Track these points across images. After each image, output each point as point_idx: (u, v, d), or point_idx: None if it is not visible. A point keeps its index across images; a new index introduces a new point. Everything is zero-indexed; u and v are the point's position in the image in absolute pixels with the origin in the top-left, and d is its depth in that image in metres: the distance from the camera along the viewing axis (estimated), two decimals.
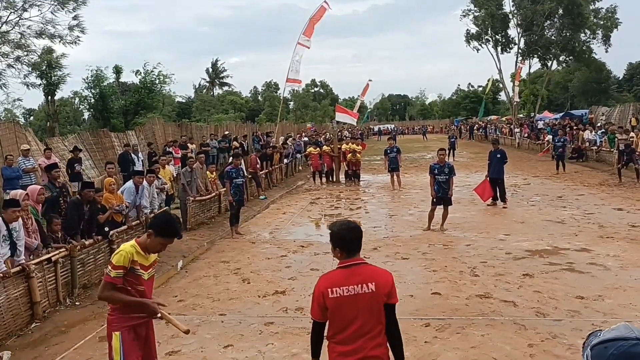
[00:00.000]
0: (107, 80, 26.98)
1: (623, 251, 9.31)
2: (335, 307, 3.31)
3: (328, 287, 3.33)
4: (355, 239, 3.41)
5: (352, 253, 3.39)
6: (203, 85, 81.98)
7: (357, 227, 3.46)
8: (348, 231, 3.39)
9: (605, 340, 1.45)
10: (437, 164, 11.72)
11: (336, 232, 3.42)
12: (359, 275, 3.32)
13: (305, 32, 23.54)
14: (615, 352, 1.40)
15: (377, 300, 3.30)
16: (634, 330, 1.43)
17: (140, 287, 3.98)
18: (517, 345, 5.67)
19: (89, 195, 8.85)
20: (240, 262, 9.74)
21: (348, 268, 3.34)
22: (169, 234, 3.98)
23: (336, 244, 3.41)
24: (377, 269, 3.47)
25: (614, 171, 19.01)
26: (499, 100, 79.46)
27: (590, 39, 46.80)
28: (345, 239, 3.39)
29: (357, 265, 3.37)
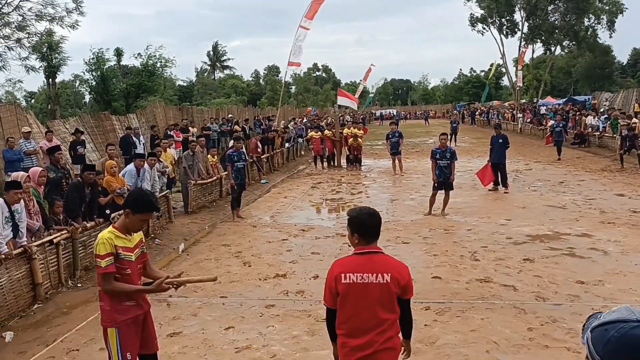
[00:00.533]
0: (109, 63, 26.87)
1: (624, 237, 9.31)
2: (345, 293, 3.25)
3: (341, 272, 3.27)
4: (375, 225, 3.33)
5: (370, 240, 3.31)
6: (204, 68, 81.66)
7: (377, 214, 3.38)
8: (368, 216, 3.32)
9: (606, 322, 1.44)
10: (438, 148, 11.69)
11: (356, 216, 3.34)
12: (374, 264, 3.24)
13: (307, 14, 23.36)
14: (615, 334, 1.40)
15: (390, 293, 3.22)
16: (634, 313, 1.42)
17: (126, 271, 3.83)
18: (516, 329, 5.69)
19: (89, 178, 8.85)
20: (241, 245, 9.77)
21: (364, 255, 3.28)
22: (146, 209, 3.87)
23: (355, 229, 3.32)
24: (394, 260, 3.38)
25: (616, 157, 18.96)
26: (502, 86, 79.12)
27: (595, 23, 46.47)
28: (364, 224, 3.31)
29: (374, 253, 3.29)
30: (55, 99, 28.73)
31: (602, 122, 25.04)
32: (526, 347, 5.30)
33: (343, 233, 10.38)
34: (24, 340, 5.94)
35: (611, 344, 1.40)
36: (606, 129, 24.12)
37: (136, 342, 3.94)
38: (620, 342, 1.39)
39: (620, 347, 1.38)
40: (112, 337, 3.82)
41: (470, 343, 5.41)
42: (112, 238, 3.78)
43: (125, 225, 3.88)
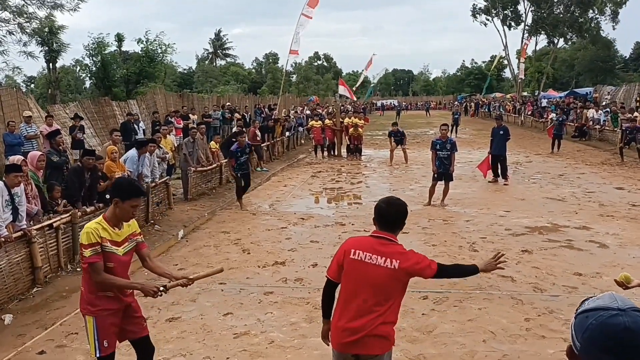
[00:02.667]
0: (109, 48, 26.78)
1: (622, 230, 9.34)
2: (351, 269, 3.28)
3: (352, 247, 3.32)
4: (391, 215, 3.36)
5: (385, 227, 3.35)
6: (205, 55, 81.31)
7: (397, 205, 3.39)
8: (386, 205, 3.37)
9: (588, 309, 1.43)
10: (439, 139, 11.67)
11: (378, 203, 3.42)
12: (386, 249, 3.26)
13: (310, 2, 23.21)
14: (594, 322, 1.38)
15: (396, 279, 3.23)
16: (617, 300, 1.40)
17: (108, 264, 3.73)
18: (513, 319, 5.73)
19: (89, 163, 8.85)
20: (241, 232, 9.79)
21: (377, 239, 3.32)
22: (134, 194, 3.79)
23: (375, 215, 3.40)
24: (406, 251, 3.36)
25: (617, 150, 18.96)
26: (504, 78, 78.86)
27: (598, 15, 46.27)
28: (380, 212, 3.37)
29: (388, 240, 3.32)
30: (55, 84, 28.67)
31: (603, 115, 25.01)
32: (523, 337, 5.33)
33: (342, 222, 10.41)
34: (23, 323, 5.97)
35: (589, 332, 1.38)
36: (607, 122, 24.10)
37: (114, 330, 3.88)
38: (597, 330, 1.37)
39: (597, 335, 1.37)
40: (90, 324, 3.78)
41: (468, 332, 5.44)
42: (97, 229, 3.70)
43: (116, 215, 3.80)
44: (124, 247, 3.84)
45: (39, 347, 5.35)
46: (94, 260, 3.66)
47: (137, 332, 4.01)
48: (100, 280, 3.71)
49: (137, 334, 4.01)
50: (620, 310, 1.38)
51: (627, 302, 1.41)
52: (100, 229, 3.71)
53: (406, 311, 5.97)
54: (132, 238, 3.94)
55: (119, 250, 3.79)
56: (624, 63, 67.59)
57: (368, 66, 49.36)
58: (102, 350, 3.80)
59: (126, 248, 3.86)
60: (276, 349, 5.21)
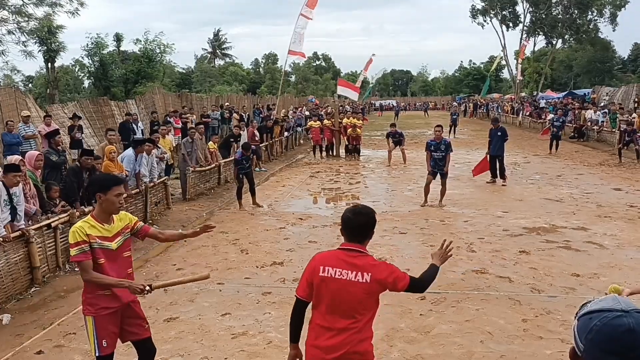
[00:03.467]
0: (108, 48, 26.79)
1: (620, 230, 9.36)
2: (321, 288, 3.10)
3: (321, 264, 3.14)
4: (358, 225, 3.16)
5: (353, 239, 3.17)
6: (204, 55, 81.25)
7: (365, 214, 3.20)
8: (353, 215, 3.18)
9: (592, 311, 1.44)
10: (433, 140, 11.67)
11: (345, 213, 3.23)
12: (357, 262, 3.09)
13: (309, 3, 23.21)
14: (598, 323, 1.39)
15: (370, 293, 3.06)
16: (620, 302, 1.42)
17: (99, 261, 3.73)
18: (511, 320, 5.74)
19: (87, 163, 8.86)
20: (239, 232, 9.79)
21: (345, 251, 3.15)
22: (114, 183, 3.81)
23: (342, 225, 3.24)
24: (374, 260, 3.19)
25: (615, 151, 18.99)
26: (502, 78, 78.95)
27: (597, 17, 46.36)
28: (345, 222, 3.20)
29: (357, 252, 3.14)
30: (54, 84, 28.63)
31: (602, 116, 25.05)
32: (520, 337, 5.34)
33: (340, 222, 10.40)
34: (21, 323, 5.97)
35: (593, 333, 1.39)
36: (605, 123, 24.14)
37: (114, 330, 3.88)
38: (601, 331, 1.38)
39: (601, 337, 1.38)
40: (89, 324, 3.80)
41: (465, 333, 5.45)
42: (83, 227, 3.70)
43: (103, 210, 3.81)
44: (117, 241, 3.84)
45: (37, 347, 5.35)
46: (80, 259, 3.69)
47: (139, 334, 4.03)
48: (87, 278, 3.73)
49: (138, 335, 4.02)
50: (624, 311, 1.39)
51: (630, 304, 1.42)
52: (86, 227, 3.72)
53: (404, 311, 5.99)
54: (125, 231, 3.93)
55: (111, 244, 3.80)
56: (622, 64, 67.66)
57: (367, 67, 49.35)
58: (102, 350, 3.82)
59: (119, 242, 3.86)
60: (274, 349, 5.21)
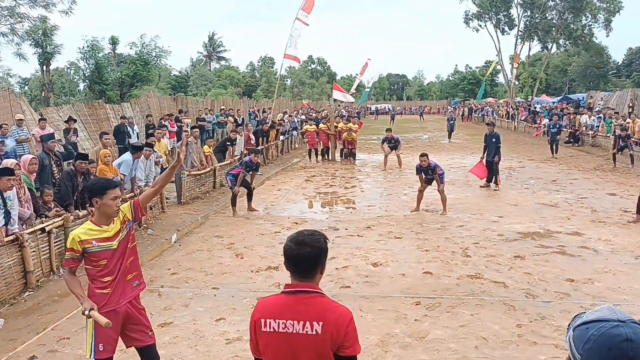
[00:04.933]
0: (103, 51, 26.75)
1: (614, 236, 9.38)
2: (266, 346, 2.53)
3: (262, 316, 2.54)
4: (304, 258, 2.52)
5: (301, 276, 2.55)
6: (199, 59, 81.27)
7: (310, 243, 2.53)
8: (296, 246, 2.54)
9: (588, 321, 1.45)
10: (420, 166, 11.60)
11: (286, 244, 2.59)
12: (303, 309, 2.47)
13: (305, 7, 23.25)
14: (595, 333, 1.41)
15: (322, 348, 2.44)
16: (616, 312, 1.43)
17: (101, 262, 3.79)
18: (505, 325, 5.74)
19: (82, 167, 8.83)
20: (234, 237, 9.78)
21: (293, 295, 2.52)
22: (109, 187, 3.86)
23: (284, 259, 2.60)
24: (332, 304, 2.53)
25: (609, 156, 19.06)
26: (497, 83, 79.23)
27: (592, 22, 46.59)
28: (288, 255, 2.56)
29: (306, 293, 2.51)
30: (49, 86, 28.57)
31: (596, 121, 25.16)
32: (515, 343, 5.34)
33: (336, 227, 10.42)
34: (15, 328, 5.94)
35: (590, 343, 1.41)
36: (599, 128, 24.24)
37: (113, 336, 3.87)
38: (599, 341, 1.40)
39: (598, 346, 1.39)
40: (90, 324, 3.81)
41: (460, 338, 5.45)
42: (79, 235, 3.77)
43: (102, 214, 3.86)
44: (118, 239, 3.88)
45: (30, 352, 5.32)
46: (68, 265, 3.86)
47: (143, 341, 4.04)
48: (65, 279, 3.97)
49: (141, 342, 4.03)
50: (620, 321, 1.41)
51: (625, 314, 1.45)
52: (82, 234, 3.78)
53: (399, 317, 5.99)
54: (126, 223, 3.96)
55: (113, 244, 3.84)
56: (616, 69, 68.05)
57: (363, 71, 49.44)
58: (97, 354, 3.81)
59: (120, 239, 3.89)
60: None
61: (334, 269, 7.73)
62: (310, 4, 23.49)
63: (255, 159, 11.93)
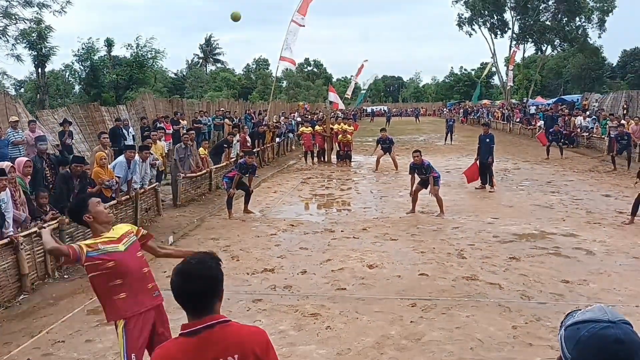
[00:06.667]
0: (99, 54, 26.72)
1: (609, 237, 9.41)
2: None
3: None
4: (193, 294, 2.21)
5: (198, 312, 2.22)
6: (195, 61, 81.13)
7: (199, 275, 2.24)
8: (182, 278, 2.22)
9: (579, 321, 1.46)
10: (414, 164, 11.65)
11: (172, 278, 2.24)
12: (211, 347, 2.16)
13: (300, 9, 23.28)
14: (586, 334, 1.42)
15: None
16: (607, 313, 1.44)
17: (110, 264, 3.68)
18: (501, 327, 5.75)
19: (77, 170, 8.81)
20: (230, 239, 9.77)
21: (194, 336, 2.18)
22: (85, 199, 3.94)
23: (173, 295, 2.24)
24: (243, 330, 2.29)
25: (605, 158, 19.08)
26: (492, 84, 79.40)
27: (586, 23, 46.76)
28: (179, 291, 2.22)
29: (209, 328, 2.20)
30: (44, 89, 28.50)
31: (591, 122, 25.25)
32: (510, 345, 5.35)
33: (332, 229, 10.42)
34: (10, 331, 5.92)
35: (581, 344, 1.42)
36: (594, 129, 24.32)
37: (144, 342, 3.78)
38: (589, 342, 1.40)
39: (589, 347, 1.40)
40: (120, 330, 3.72)
41: (455, 340, 5.46)
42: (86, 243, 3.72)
43: (99, 224, 3.84)
44: (124, 242, 3.82)
45: (25, 356, 5.30)
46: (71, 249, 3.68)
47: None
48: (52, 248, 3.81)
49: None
50: (611, 322, 1.41)
51: (616, 314, 1.45)
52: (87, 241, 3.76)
53: (394, 319, 6.00)
54: (129, 235, 3.91)
55: (119, 246, 3.77)
56: (611, 71, 68.32)
57: (359, 73, 49.51)
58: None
59: (127, 243, 3.84)
60: None
61: (330, 271, 7.74)
62: (306, 7, 23.52)
63: (250, 160, 11.91)
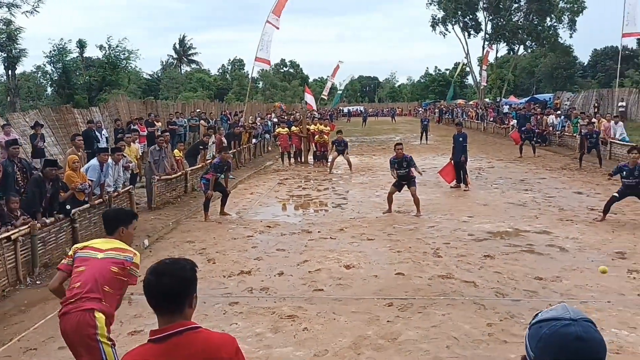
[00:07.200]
0: (71, 55, 26.31)
1: (581, 234, 9.58)
2: None
3: None
4: (167, 292, 2.17)
5: (167, 315, 2.19)
6: (170, 62, 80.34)
7: (172, 273, 2.21)
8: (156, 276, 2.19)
9: (542, 320, 1.49)
10: (395, 158, 11.69)
11: (146, 277, 2.21)
12: (180, 354, 2.12)
13: (275, 10, 23.24)
14: (547, 332, 1.44)
15: None
16: (569, 311, 1.47)
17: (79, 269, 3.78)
18: (476, 325, 5.81)
19: (51, 174, 8.65)
20: (206, 242, 9.70)
21: (162, 342, 2.13)
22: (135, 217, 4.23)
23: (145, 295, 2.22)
24: (212, 337, 2.25)
25: (576, 155, 19.42)
26: (466, 84, 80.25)
27: (557, 23, 47.54)
28: (147, 288, 2.19)
29: (178, 335, 2.15)
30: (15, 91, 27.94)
31: (562, 121, 25.69)
32: (485, 342, 5.41)
33: (309, 229, 10.42)
34: None
35: (542, 341, 1.44)
36: (566, 128, 24.75)
37: None
38: (550, 339, 1.43)
39: (550, 345, 1.43)
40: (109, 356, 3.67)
41: (432, 339, 5.50)
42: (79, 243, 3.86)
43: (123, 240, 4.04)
44: (106, 253, 3.85)
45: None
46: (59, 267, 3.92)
47: None
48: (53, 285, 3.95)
49: None
50: (572, 320, 1.44)
51: (579, 313, 1.47)
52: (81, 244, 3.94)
53: (371, 319, 6.02)
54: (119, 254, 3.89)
55: (98, 254, 3.83)
56: (582, 70, 69.63)
57: (334, 73, 49.65)
58: None
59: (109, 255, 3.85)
60: None
61: (307, 272, 7.74)
62: (281, 7, 23.48)
63: (225, 156, 11.79)
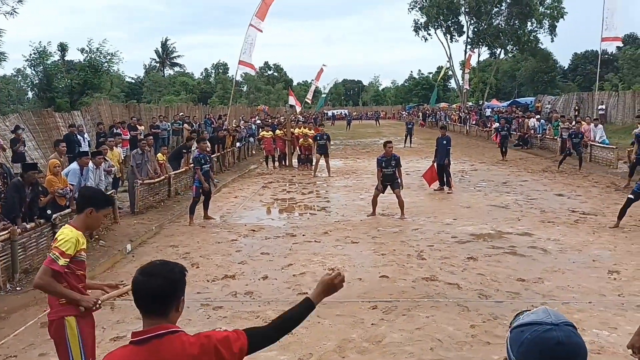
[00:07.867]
0: (52, 58, 26.00)
1: (563, 235, 9.69)
2: None
3: None
4: (153, 293, 2.14)
5: (152, 316, 2.16)
6: (153, 65, 79.82)
7: (160, 274, 2.16)
8: (145, 276, 2.16)
9: (523, 324, 1.49)
10: (383, 156, 11.70)
11: (135, 276, 2.20)
12: (159, 356, 2.08)
13: (258, 13, 23.22)
14: (529, 337, 1.44)
15: None
16: (551, 315, 1.47)
17: (80, 272, 3.77)
18: (460, 326, 5.85)
19: (32, 178, 8.54)
20: (190, 246, 9.64)
21: (142, 345, 2.10)
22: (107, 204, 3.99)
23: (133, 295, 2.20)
24: (190, 340, 2.17)
25: (557, 158, 19.64)
26: (449, 88, 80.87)
27: (537, 28, 48.21)
28: (135, 289, 2.17)
29: (158, 338, 2.11)
30: None
31: (543, 124, 26.02)
32: (469, 344, 5.45)
33: (293, 233, 10.41)
34: None
35: (524, 346, 1.45)
36: (547, 131, 25.05)
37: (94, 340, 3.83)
38: (532, 344, 1.43)
39: (531, 350, 1.43)
40: (72, 324, 3.64)
41: (416, 341, 5.52)
42: (78, 239, 3.69)
43: (87, 225, 3.87)
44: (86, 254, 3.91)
45: None
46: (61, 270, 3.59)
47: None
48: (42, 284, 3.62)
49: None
50: (553, 325, 1.44)
51: (560, 316, 1.48)
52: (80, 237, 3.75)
53: (356, 322, 6.03)
54: None
55: (85, 256, 3.85)
56: (563, 74, 70.49)
57: (318, 77, 49.75)
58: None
59: None
60: None
61: (292, 276, 7.73)
62: (264, 11, 23.47)
63: (203, 146, 11.76)
